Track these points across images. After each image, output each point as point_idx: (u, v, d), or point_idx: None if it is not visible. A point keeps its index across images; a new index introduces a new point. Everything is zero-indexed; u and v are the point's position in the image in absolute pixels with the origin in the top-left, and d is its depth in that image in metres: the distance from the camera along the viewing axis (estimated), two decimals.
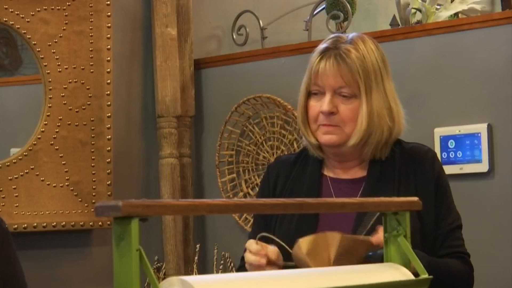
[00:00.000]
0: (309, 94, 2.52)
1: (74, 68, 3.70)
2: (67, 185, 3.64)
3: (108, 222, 3.49)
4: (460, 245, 2.52)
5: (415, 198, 2.11)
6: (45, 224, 3.51)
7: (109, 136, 3.76)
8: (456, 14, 3.97)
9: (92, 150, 3.73)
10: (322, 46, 2.53)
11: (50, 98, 3.64)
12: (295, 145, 3.79)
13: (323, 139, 2.50)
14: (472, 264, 2.48)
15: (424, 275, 1.97)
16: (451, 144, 3.42)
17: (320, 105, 2.48)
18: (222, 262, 3.78)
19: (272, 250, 2.35)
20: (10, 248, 1.45)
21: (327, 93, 2.47)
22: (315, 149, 2.56)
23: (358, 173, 2.57)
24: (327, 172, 2.60)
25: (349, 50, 2.46)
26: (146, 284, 2.01)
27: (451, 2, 4.05)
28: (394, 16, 4.02)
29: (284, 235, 2.45)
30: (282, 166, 2.68)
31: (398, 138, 2.56)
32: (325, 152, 2.56)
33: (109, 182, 3.74)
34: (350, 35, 2.58)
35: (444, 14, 3.92)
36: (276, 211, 2.45)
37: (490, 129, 3.34)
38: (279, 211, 2.44)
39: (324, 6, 4.06)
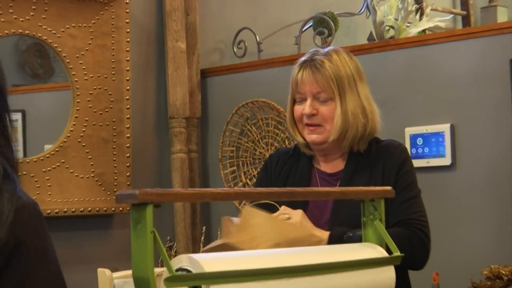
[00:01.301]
0: (294, 101, 2.56)
1: (98, 76, 3.69)
2: (92, 176, 3.64)
3: (127, 208, 3.50)
4: (411, 212, 2.52)
5: (389, 188, 2.11)
6: (73, 209, 3.51)
7: (128, 135, 3.75)
8: (423, 30, 3.96)
9: (113, 146, 3.73)
10: (301, 59, 2.59)
11: (78, 102, 3.63)
12: (287, 142, 3.79)
13: (310, 138, 2.54)
14: (424, 230, 2.46)
15: (396, 253, 1.97)
16: (419, 141, 3.42)
17: (303, 108, 2.51)
18: None
19: None
20: (43, 226, 1.44)
21: (308, 98, 2.52)
22: (303, 148, 2.61)
23: (339, 166, 2.59)
24: (316, 165, 2.62)
25: (323, 61, 2.51)
26: (159, 260, 2.01)
27: (420, 20, 4.05)
28: (371, 32, 4.01)
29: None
30: (281, 156, 2.72)
31: (375, 137, 2.58)
32: (312, 148, 2.58)
33: (128, 173, 3.74)
34: (327, 48, 2.63)
35: (413, 31, 3.92)
36: (270, 199, 2.45)
37: (452, 128, 3.34)
38: (274, 199, 2.44)
39: (311, 23, 4.06)
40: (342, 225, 2.42)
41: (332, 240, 2.35)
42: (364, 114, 2.53)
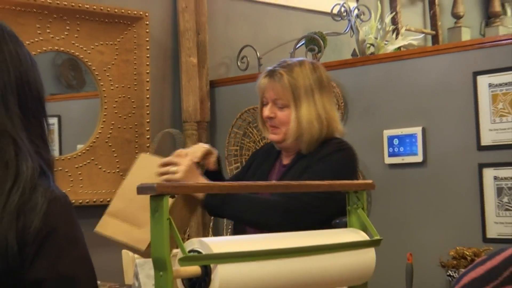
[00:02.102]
0: (263, 104, 2.58)
1: (122, 87, 3.69)
2: (118, 172, 3.64)
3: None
4: (300, 194, 2.48)
5: (370, 181, 2.09)
6: (101, 200, 3.51)
7: (148, 136, 3.75)
8: (399, 47, 3.96)
9: (135, 146, 3.73)
10: (267, 68, 2.60)
11: (105, 108, 3.63)
12: None
13: (270, 137, 2.59)
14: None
15: (376, 237, 1.96)
16: (395, 141, 3.41)
17: (266, 112, 2.54)
18: (230, 227, 3.76)
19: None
20: (72, 215, 1.43)
21: (269, 103, 2.52)
22: (274, 143, 2.64)
23: (286, 161, 2.62)
24: (283, 159, 2.64)
25: (282, 73, 2.51)
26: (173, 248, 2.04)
27: (395, 39, 4.04)
28: (354, 49, 4.00)
29: None
30: (261, 150, 2.84)
31: (334, 136, 2.57)
32: (275, 143, 2.62)
33: None
34: (295, 59, 2.63)
35: (390, 48, 3.91)
36: (268, 191, 2.44)
37: (424, 131, 3.33)
38: (270, 191, 2.44)
39: (304, 42, 4.05)
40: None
41: (208, 200, 2.42)
42: (319, 121, 2.52)
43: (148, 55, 3.77)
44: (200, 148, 2.57)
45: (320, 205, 2.44)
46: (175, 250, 1.65)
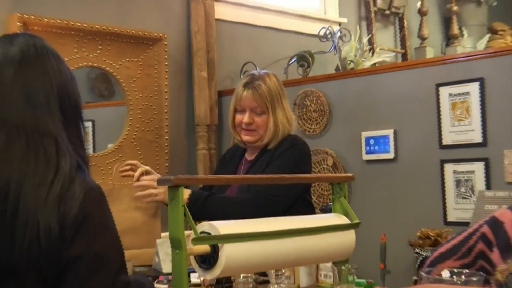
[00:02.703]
0: (235, 111, 2.56)
1: (145, 96, 3.69)
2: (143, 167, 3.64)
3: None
4: (263, 187, 2.47)
5: (351, 174, 2.10)
6: None
7: (166, 137, 3.74)
8: (374, 63, 3.96)
9: (156, 145, 3.73)
10: (243, 81, 2.59)
11: (131, 114, 3.63)
12: None
13: (245, 138, 2.57)
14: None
15: (356, 220, 1.96)
16: (372, 142, 3.40)
17: (242, 117, 2.52)
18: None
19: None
20: (104, 203, 1.42)
21: (247, 111, 2.51)
22: (240, 143, 2.63)
23: (252, 157, 2.62)
24: (246, 154, 2.65)
25: (260, 84, 2.52)
26: (188, 226, 2.01)
27: (371, 56, 4.04)
28: (337, 65, 4.00)
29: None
30: (231, 150, 2.81)
31: (290, 134, 2.57)
32: (246, 144, 2.60)
33: (166, 164, 3.73)
34: (262, 72, 2.63)
35: (367, 63, 3.91)
36: (266, 182, 2.44)
37: (395, 133, 3.32)
38: (268, 182, 2.44)
39: (295, 59, 4.05)
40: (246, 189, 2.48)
41: (191, 204, 2.39)
42: (289, 122, 2.55)
43: (166, 70, 3.76)
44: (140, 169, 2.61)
45: (284, 195, 2.46)
46: (187, 232, 1.64)
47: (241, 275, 1.92)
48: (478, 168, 3.00)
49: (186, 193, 2.38)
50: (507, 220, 1.82)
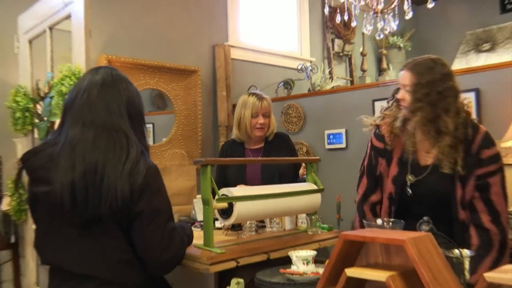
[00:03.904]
0: (251, 116, 2.48)
1: (186, 107, 3.68)
2: (184, 152, 3.62)
3: (197, 167, 3.46)
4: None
5: (318, 158, 2.08)
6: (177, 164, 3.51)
7: (200, 134, 3.74)
8: (333, 86, 3.94)
9: (193, 139, 3.73)
10: (254, 97, 2.50)
11: (176, 119, 3.62)
12: None
13: (258, 134, 2.49)
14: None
15: (321, 187, 1.94)
16: (331, 137, 3.40)
17: (257, 120, 2.48)
18: None
19: None
20: (159, 176, 1.41)
21: (260, 115, 2.48)
22: (245, 138, 2.53)
23: (258, 145, 2.56)
24: (246, 145, 2.57)
25: (266, 98, 2.52)
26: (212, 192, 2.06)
27: (331, 82, 4.02)
28: (309, 88, 3.99)
29: (233, 176, 2.47)
30: (226, 145, 2.66)
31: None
32: (251, 137, 2.51)
33: (200, 151, 3.73)
34: (259, 91, 2.61)
35: (328, 86, 3.90)
36: (270, 162, 2.42)
37: (346, 131, 3.32)
38: (269, 162, 2.42)
39: (282, 83, 4.04)
40: (268, 176, 2.41)
41: None
42: (275, 124, 2.57)
43: (199, 91, 3.75)
44: None
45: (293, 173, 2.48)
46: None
47: (248, 222, 1.92)
48: None
49: None
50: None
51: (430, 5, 2.98)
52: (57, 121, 2.26)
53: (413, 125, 1.68)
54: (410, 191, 1.73)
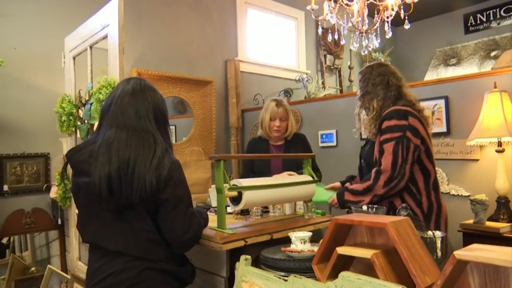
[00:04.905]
0: (270, 119, 2.46)
1: (203, 112, 3.67)
2: (201, 149, 3.61)
3: (212, 162, 3.47)
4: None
5: (313, 154, 2.06)
6: (194, 159, 3.50)
7: (214, 134, 3.72)
8: (325, 94, 3.92)
9: (208, 138, 3.71)
10: (273, 103, 2.47)
11: (195, 122, 3.61)
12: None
13: (276, 134, 2.46)
14: None
15: (316, 179, 1.93)
16: (324, 136, 3.37)
17: (275, 123, 2.44)
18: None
19: None
20: (181, 170, 1.40)
21: (277, 119, 2.44)
22: (266, 136, 2.50)
23: (280, 143, 2.51)
24: (270, 142, 2.53)
25: (285, 104, 2.46)
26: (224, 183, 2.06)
27: (324, 90, 4.00)
28: (305, 95, 3.97)
29: (259, 167, 2.45)
30: (253, 141, 2.60)
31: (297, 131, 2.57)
32: (271, 137, 2.49)
33: (214, 149, 3.71)
34: (279, 97, 2.58)
35: (321, 94, 3.88)
36: (269, 157, 2.40)
37: (337, 131, 3.29)
38: (277, 157, 2.40)
39: (283, 92, 4.02)
40: (288, 168, 2.35)
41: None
42: (293, 125, 2.51)
43: (214, 98, 3.73)
44: None
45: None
46: (225, 184, 1.61)
47: (254, 208, 1.91)
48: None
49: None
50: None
51: (406, 26, 2.97)
52: (96, 124, 2.26)
53: (357, 109, 1.98)
54: (362, 159, 2.01)
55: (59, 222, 2.91)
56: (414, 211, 1.73)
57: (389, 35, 3.08)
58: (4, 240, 2.92)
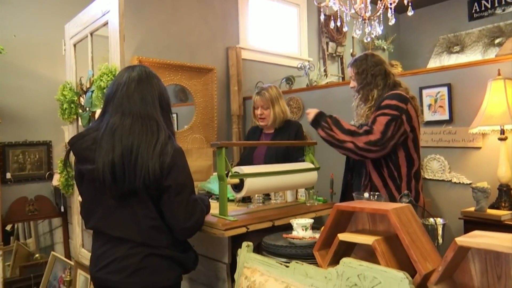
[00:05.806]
0: (254, 108, 2.45)
1: (204, 100, 3.65)
2: (203, 137, 3.61)
3: (214, 149, 3.47)
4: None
5: (315, 141, 2.06)
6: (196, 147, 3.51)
7: (216, 122, 3.71)
8: (327, 82, 3.90)
9: (210, 126, 3.70)
10: (256, 91, 2.46)
11: (196, 109, 3.60)
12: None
13: (261, 122, 2.44)
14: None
15: (317, 166, 1.93)
16: None
17: (257, 112, 2.43)
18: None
19: None
20: (184, 157, 1.41)
21: (259, 107, 2.42)
22: (258, 125, 2.50)
23: (270, 131, 2.49)
24: (263, 130, 2.52)
25: (265, 93, 2.41)
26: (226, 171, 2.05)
27: (326, 78, 3.98)
28: (307, 83, 3.95)
29: (246, 156, 2.45)
30: (251, 129, 2.61)
31: (289, 118, 2.48)
32: (260, 125, 2.48)
33: (215, 136, 3.71)
34: (266, 85, 2.50)
35: (323, 82, 3.86)
36: (272, 144, 2.41)
37: None
38: (267, 144, 2.41)
39: (285, 79, 4.00)
40: (271, 157, 2.34)
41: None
42: (284, 114, 2.44)
43: (215, 86, 3.72)
44: None
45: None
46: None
47: (256, 195, 1.92)
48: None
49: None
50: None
51: (410, 13, 2.94)
52: (98, 111, 2.27)
53: (357, 101, 2.00)
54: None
55: (62, 209, 2.93)
56: (393, 195, 1.78)
57: (392, 22, 3.05)
58: (8, 227, 2.94)
